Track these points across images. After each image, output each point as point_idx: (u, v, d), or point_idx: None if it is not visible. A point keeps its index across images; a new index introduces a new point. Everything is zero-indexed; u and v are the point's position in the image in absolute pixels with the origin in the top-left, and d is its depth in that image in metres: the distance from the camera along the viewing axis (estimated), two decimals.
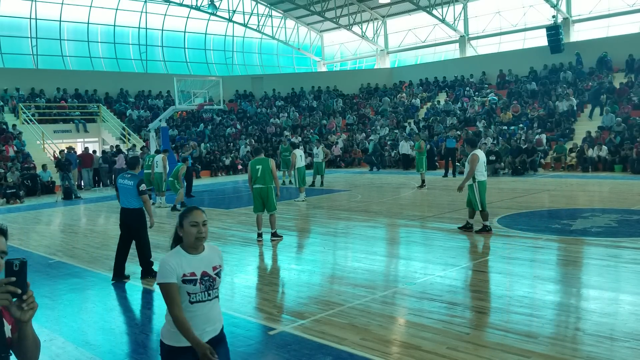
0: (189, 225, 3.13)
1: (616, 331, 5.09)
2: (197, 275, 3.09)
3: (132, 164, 8.32)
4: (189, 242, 3.14)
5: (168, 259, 3.10)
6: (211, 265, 3.18)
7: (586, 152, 21.29)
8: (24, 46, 30.63)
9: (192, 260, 3.13)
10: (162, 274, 3.05)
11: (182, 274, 3.05)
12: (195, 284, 3.08)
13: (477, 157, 9.79)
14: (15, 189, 19.28)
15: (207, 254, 3.22)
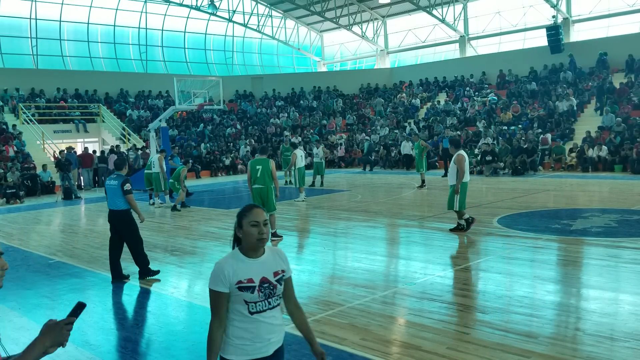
0: (250, 226, 2.83)
1: (616, 331, 5.09)
2: (255, 282, 2.80)
3: (119, 165, 8.25)
4: (250, 244, 2.85)
5: (223, 264, 2.82)
6: (272, 271, 2.88)
7: (586, 152, 21.29)
8: (24, 46, 30.63)
9: (250, 265, 2.84)
10: (213, 279, 2.79)
11: (236, 280, 2.77)
12: (253, 291, 2.79)
13: (463, 157, 9.86)
14: (15, 189, 19.28)
15: (267, 257, 2.92)
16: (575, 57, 27.85)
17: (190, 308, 6.58)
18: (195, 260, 8.95)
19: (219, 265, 2.82)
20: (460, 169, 9.81)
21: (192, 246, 10.07)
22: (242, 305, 2.79)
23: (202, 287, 7.47)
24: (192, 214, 14.25)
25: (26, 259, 9.55)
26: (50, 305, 6.80)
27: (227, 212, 14.42)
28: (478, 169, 22.26)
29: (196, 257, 9.19)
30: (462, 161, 9.81)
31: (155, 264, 8.70)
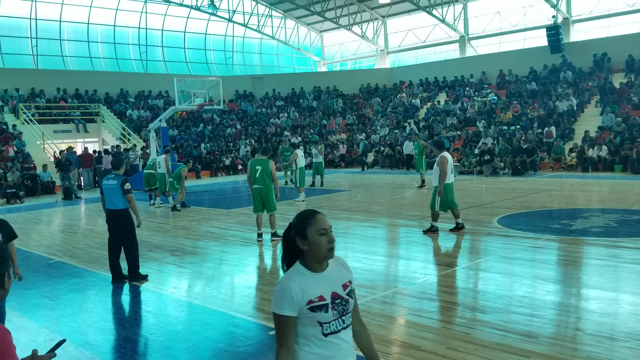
0: (318, 234, 2.48)
1: (616, 331, 5.09)
2: (326, 298, 2.47)
3: (116, 165, 8.23)
4: (320, 256, 2.50)
5: (289, 283, 2.45)
6: (340, 283, 2.55)
7: (586, 152, 21.29)
8: (24, 46, 30.63)
9: (317, 280, 2.50)
10: (278, 301, 2.43)
11: (307, 300, 2.44)
12: (327, 310, 2.46)
13: (446, 158, 9.89)
14: (15, 189, 19.29)
15: (332, 269, 2.57)
16: (575, 57, 27.85)
17: (190, 308, 6.58)
18: (195, 260, 8.95)
19: (284, 285, 2.45)
20: (443, 171, 9.83)
21: (192, 246, 10.07)
22: (314, 328, 2.46)
23: (202, 287, 7.48)
24: (192, 214, 14.25)
25: (26, 259, 9.55)
26: (50, 305, 6.81)
27: (227, 212, 14.43)
28: (478, 169, 22.27)
29: (196, 257, 9.19)
30: (444, 163, 9.83)
31: (155, 264, 8.71)
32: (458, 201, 14.41)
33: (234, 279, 7.86)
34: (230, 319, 6.01)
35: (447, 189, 9.97)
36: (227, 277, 7.97)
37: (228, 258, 9.11)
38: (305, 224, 2.50)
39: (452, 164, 10.04)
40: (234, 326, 5.75)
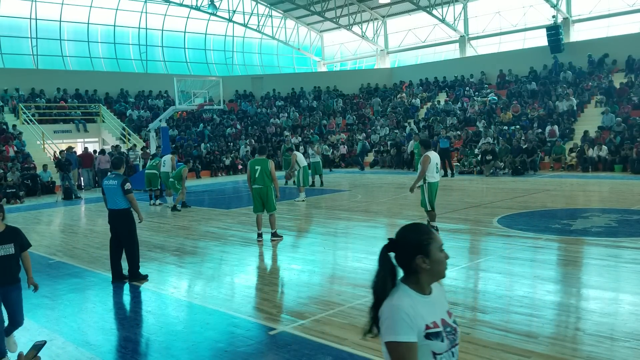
0: (439, 251, 2.22)
1: (616, 331, 5.09)
2: (439, 325, 2.18)
3: (117, 164, 8.23)
4: (440, 275, 2.24)
5: (401, 303, 2.12)
6: (445, 309, 2.28)
7: (586, 152, 21.29)
8: (24, 46, 30.63)
9: (427, 304, 2.20)
10: (396, 325, 2.10)
11: (424, 325, 2.13)
12: (442, 339, 2.16)
13: (428, 158, 9.89)
14: (15, 189, 19.29)
15: (437, 292, 2.29)
16: (575, 57, 27.86)
17: (190, 308, 6.58)
18: (195, 260, 8.95)
19: (396, 305, 2.12)
20: (421, 170, 9.89)
21: (192, 246, 10.07)
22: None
23: (202, 287, 7.48)
24: (192, 214, 14.25)
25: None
26: (50, 305, 6.80)
27: (227, 212, 14.43)
28: (478, 168, 22.26)
29: (196, 257, 9.19)
30: (425, 162, 9.88)
31: (156, 263, 8.71)
32: (458, 201, 14.50)
33: (234, 279, 7.86)
34: (231, 319, 6.01)
35: (432, 188, 10.01)
36: (227, 277, 7.97)
37: (228, 258, 9.11)
38: (428, 240, 2.21)
39: (436, 164, 10.04)
40: (234, 326, 5.75)
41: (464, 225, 10.87)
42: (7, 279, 4.98)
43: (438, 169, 10.11)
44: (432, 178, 9.94)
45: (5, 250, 4.94)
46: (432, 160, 9.88)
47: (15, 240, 5.06)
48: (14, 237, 5.10)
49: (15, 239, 5.08)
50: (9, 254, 4.97)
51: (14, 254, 5.01)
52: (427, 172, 9.86)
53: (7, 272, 4.97)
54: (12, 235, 5.10)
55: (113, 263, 7.88)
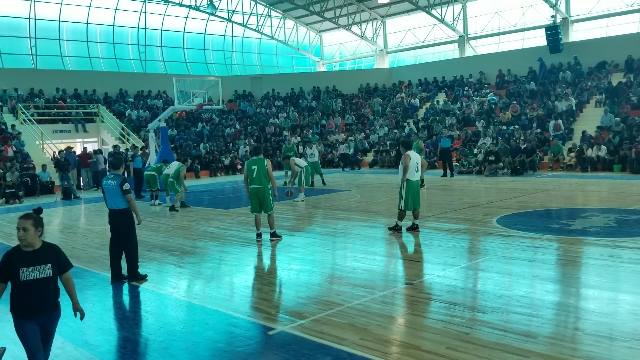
0: None
1: (615, 331, 5.09)
2: None
3: (116, 164, 8.24)
4: None
5: None
6: None
7: (585, 152, 21.30)
8: (23, 46, 30.61)
9: None
10: None
11: None
12: None
13: (408, 157, 10.10)
14: (14, 189, 19.27)
15: None
16: (574, 57, 27.88)
17: (190, 308, 6.58)
18: (194, 260, 8.95)
19: None
20: (404, 168, 10.09)
21: (191, 246, 10.07)
22: None
23: (201, 287, 7.47)
24: (191, 214, 14.24)
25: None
26: None
27: (227, 212, 14.42)
28: (477, 168, 22.27)
29: (195, 257, 9.18)
30: (405, 161, 10.09)
31: (155, 263, 8.70)
32: (457, 201, 14.50)
33: (233, 279, 7.85)
34: (230, 319, 6.01)
35: (410, 187, 10.10)
36: (227, 277, 7.97)
37: (227, 258, 9.11)
38: None
39: (416, 163, 10.16)
40: (233, 326, 5.75)
41: (463, 225, 10.87)
42: (46, 306, 4.14)
43: (418, 168, 10.25)
44: (411, 176, 10.14)
45: (42, 272, 4.08)
46: (412, 160, 10.12)
47: (53, 261, 4.18)
48: (51, 256, 4.20)
49: (53, 259, 4.20)
50: (46, 276, 4.10)
51: (52, 276, 4.16)
52: (408, 171, 10.10)
53: (45, 297, 4.12)
54: (50, 254, 4.20)
55: (113, 263, 7.88)
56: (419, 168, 10.30)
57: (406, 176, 10.11)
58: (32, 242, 4.10)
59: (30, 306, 4.05)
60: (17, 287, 4.03)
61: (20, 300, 4.05)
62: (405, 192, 10.13)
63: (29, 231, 4.09)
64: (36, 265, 4.06)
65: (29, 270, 4.02)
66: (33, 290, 4.03)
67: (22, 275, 4.00)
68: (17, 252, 4.10)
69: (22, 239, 4.07)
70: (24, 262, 4.03)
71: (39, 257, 4.10)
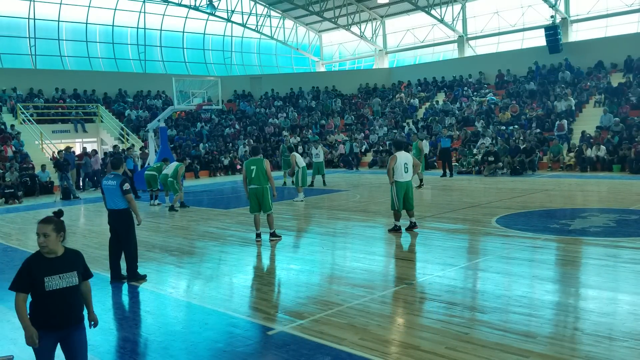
0: None
1: (615, 331, 5.09)
2: None
3: (116, 165, 8.24)
4: None
5: None
6: None
7: (584, 152, 21.32)
8: (22, 46, 30.60)
9: None
10: None
11: None
12: None
13: (395, 157, 10.14)
14: (13, 189, 19.26)
15: None
16: (574, 57, 27.92)
17: (189, 308, 6.58)
18: (194, 260, 8.95)
19: None
20: (388, 169, 10.19)
21: (190, 246, 10.07)
22: None
23: (201, 287, 7.47)
24: (190, 214, 14.24)
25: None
26: None
27: (226, 212, 14.42)
28: (476, 168, 22.28)
29: (195, 257, 9.18)
30: (390, 162, 10.17)
31: (154, 264, 8.70)
32: (456, 201, 14.51)
33: (233, 279, 7.85)
34: (229, 319, 6.01)
35: (399, 188, 10.11)
36: (226, 277, 7.97)
37: (227, 258, 9.10)
38: None
39: (403, 164, 10.15)
40: (233, 326, 5.74)
41: (462, 225, 10.88)
42: (70, 318, 3.81)
43: (407, 169, 10.25)
44: (400, 177, 10.15)
45: (68, 281, 3.74)
46: (400, 161, 10.13)
47: (77, 268, 3.86)
48: (76, 263, 3.87)
49: (78, 266, 3.87)
50: (72, 285, 3.77)
51: (78, 285, 3.83)
52: (395, 172, 10.11)
53: (71, 309, 3.80)
54: (74, 261, 3.87)
55: (112, 263, 7.88)
56: (408, 169, 10.25)
57: (394, 178, 10.14)
58: (54, 249, 3.74)
59: (55, 318, 3.72)
60: (41, 297, 3.70)
61: (44, 312, 3.71)
62: (395, 193, 10.17)
63: (50, 237, 3.71)
64: (62, 273, 3.72)
65: (55, 278, 3.68)
66: (58, 300, 3.70)
67: (48, 284, 3.65)
68: (39, 259, 3.74)
69: (43, 246, 3.70)
70: (49, 270, 3.69)
71: (63, 265, 3.76)
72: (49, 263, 3.71)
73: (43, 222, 3.75)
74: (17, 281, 3.70)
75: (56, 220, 3.81)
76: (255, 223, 10.14)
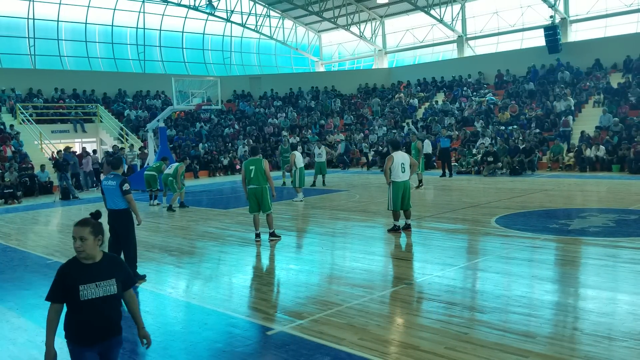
0: None
1: (614, 331, 5.09)
2: None
3: (115, 165, 8.24)
4: None
5: None
6: None
7: (584, 152, 21.32)
8: (22, 46, 30.58)
9: None
10: None
11: None
12: None
13: (391, 158, 10.15)
14: (13, 189, 19.25)
15: None
16: (573, 57, 27.95)
17: (188, 308, 6.58)
18: (193, 260, 8.95)
19: None
20: (385, 169, 10.22)
21: (190, 246, 10.06)
22: None
23: (200, 287, 7.47)
24: (190, 214, 14.24)
25: (24, 259, 9.53)
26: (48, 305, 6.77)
27: (226, 212, 14.42)
28: (476, 168, 22.28)
29: (194, 257, 9.18)
30: (387, 162, 10.18)
31: (154, 264, 8.70)
32: (456, 201, 14.51)
33: (232, 279, 7.85)
34: (229, 319, 6.00)
35: (396, 188, 10.12)
36: (225, 277, 7.96)
37: (226, 258, 9.10)
38: None
39: (402, 164, 10.16)
40: (232, 326, 5.74)
41: (462, 225, 10.88)
42: (108, 330, 3.46)
43: (405, 169, 10.25)
44: (396, 178, 10.16)
45: (105, 289, 3.40)
46: (396, 161, 10.14)
47: (117, 275, 3.51)
48: (115, 269, 3.53)
49: (117, 273, 3.52)
50: (110, 294, 3.42)
51: (116, 294, 3.48)
52: (392, 172, 10.11)
53: (109, 320, 3.46)
54: (113, 268, 3.53)
55: None
56: (405, 169, 10.24)
57: (390, 178, 10.15)
58: (91, 254, 3.42)
59: (92, 331, 3.38)
60: (76, 308, 3.38)
61: (80, 324, 3.39)
62: (392, 193, 10.19)
63: (88, 240, 3.39)
64: (99, 281, 3.37)
65: (91, 287, 3.34)
66: (95, 311, 3.36)
67: (83, 293, 3.32)
68: (75, 266, 3.44)
69: (80, 250, 3.40)
70: (85, 277, 3.36)
71: (101, 272, 3.41)
72: (85, 270, 3.39)
73: (79, 225, 3.43)
74: (51, 290, 3.42)
75: (93, 222, 3.50)
76: (254, 223, 10.13)
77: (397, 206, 10.22)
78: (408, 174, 10.36)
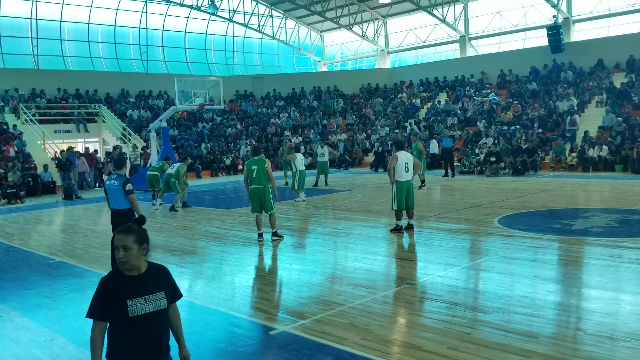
0: None
1: (617, 331, 5.09)
2: None
3: (119, 164, 8.26)
4: None
5: None
6: None
7: (587, 152, 21.28)
8: (25, 46, 30.65)
9: None
10: None
11: None
12: None
13: (395, 157, 10.21)
14: (16, 189, 19.29)
15: None
16: (576, 57, 27.89)
17: (191, 308, 6.57)
18: (195, 260, 8.95)
19: None
20: (388, 169, 10.27)
21: (192, 246, 10.07)
22: None
23: (203, 287, 7.48)
24: (192, 214, 14.25)
25: (27, 259, 9.55)
26: (51, 305, 6.80)
27: (228, 212, 14.43)
28: (478, 168, 22.26)
29: (197, 257, 9.19)
30: (391, 161, 10.23)
31: None
32: (458, 201, 14.49)
33: (235, 279, 7.86)
34: (231, 319, 6.01)
35: (400, 188, 10.15)
36: (228, 277, 7.97)
37: (229, 258, 9.11)
38: None
39: (403, 163, 10.19)
40: (235, 326, 5.75)
41: (464, 225, 10.87)
42: (159, 349, 3.13)
43: (408, 168, 10.28)
44: (400, 177, 10.19)
45: (155, 304, 3.03)
46: (400, 160, 10.17)
47: (165, 288, 3.13)
48: (163, 281, 3.15)
49: (165, 285, 3.14)
50: (160, 308, 3.06)
51: (166, 308, 3.11)
52: (396, 172, 10.15)
53: (160, 338, 3.12)
54: (161, 279, 3.15)
55: (114, 263, 7.88)
56: (409, 168, 10.27)
57: (394, 177, 10.16)
58: (136, 264, 3.03)
59: (142, 350, 3.02)
60: (123, 325, 3.00)
61: (128, 344, 3.02)
62: (395, 193, 10.20)
63: (132, 250, 2.99)
64: (147, 295, 3.00)
65: (139, 301, 2.98)
66: (145, 328, 3.00)
67: (132, 309, 2.95)
68: (119, 278, 3.04)
69: (124, 261, 2.99)
70: (132, 291, 2.98)
71: (148, 284, 3.04)
72: (131, 282, 3.01)
73: (122, 233, 3.03)
74: (94, 306, 3.01)
75: (138, 229, 3.09)
76: (257, 223, 10.14)
77: (401, 206, 10.23)
78: (411, 174, 10.37)
